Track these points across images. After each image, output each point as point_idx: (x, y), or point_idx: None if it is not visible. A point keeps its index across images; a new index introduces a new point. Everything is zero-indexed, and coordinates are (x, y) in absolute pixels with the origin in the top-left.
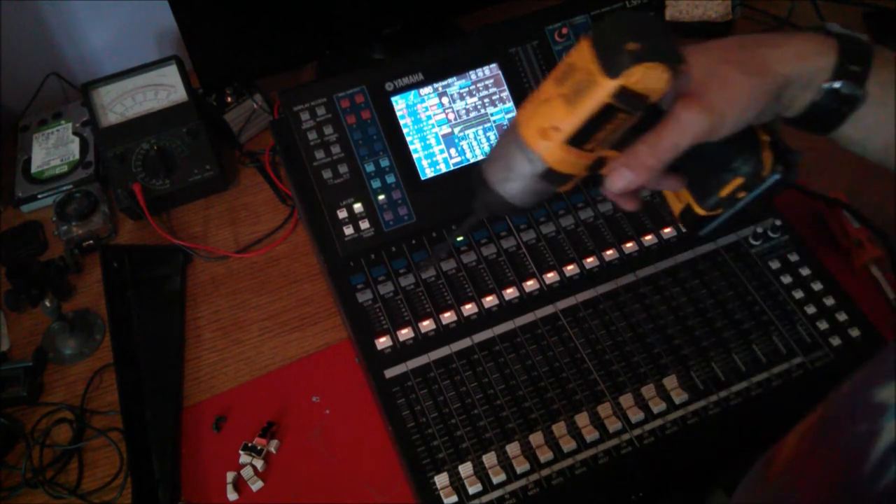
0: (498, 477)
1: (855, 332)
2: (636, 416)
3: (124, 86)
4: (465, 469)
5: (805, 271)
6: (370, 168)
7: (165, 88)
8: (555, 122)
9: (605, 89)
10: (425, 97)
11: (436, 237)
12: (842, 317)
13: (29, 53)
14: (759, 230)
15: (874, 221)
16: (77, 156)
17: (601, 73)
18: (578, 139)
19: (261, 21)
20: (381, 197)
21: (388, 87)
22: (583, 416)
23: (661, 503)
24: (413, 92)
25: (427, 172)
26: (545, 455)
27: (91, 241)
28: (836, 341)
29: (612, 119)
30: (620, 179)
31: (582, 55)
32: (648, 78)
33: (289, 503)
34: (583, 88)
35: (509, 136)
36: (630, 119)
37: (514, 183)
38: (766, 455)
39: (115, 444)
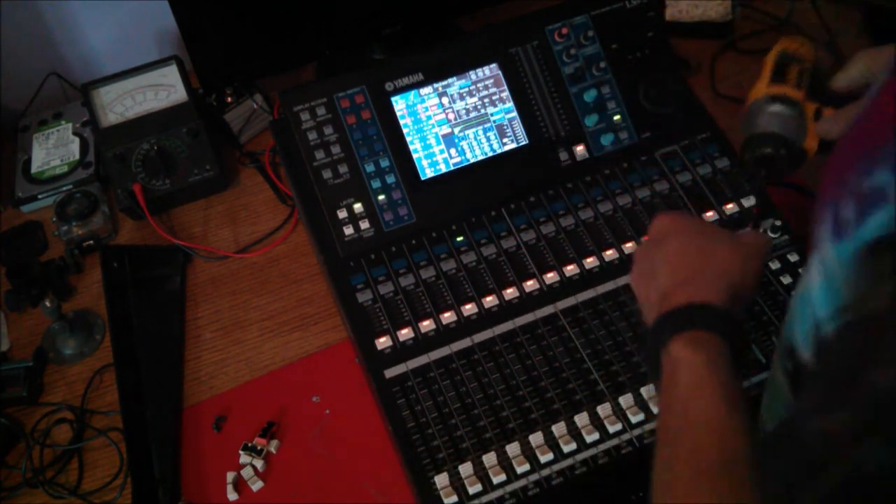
0: (498, 477)
1: None
2: (636, 416)
3: (124, 86)
4: (465, 469)
5: None
6: (370, 168)
7: (165, 88)
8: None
9: (775, 48)
10: (425, 97)
11: (436, 237)
12: None
13: (29, 53)
14: (759, 231)
15: None
16: (77, 156)
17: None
18: (775, 77)
19: (261, 21)
20: (381, 197)
21: (388, 87)
22: (583, 416)
23: None
24: (413, 92)
25: (427, 172)
26: (545, 455)
27: (91, 241)
28: None
29: (789, 67)
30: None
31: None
32: (793, 48)
33: (289, 503)
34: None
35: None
36: (801, 70)
37: (763, 116)
38: None
39: (115, 444)
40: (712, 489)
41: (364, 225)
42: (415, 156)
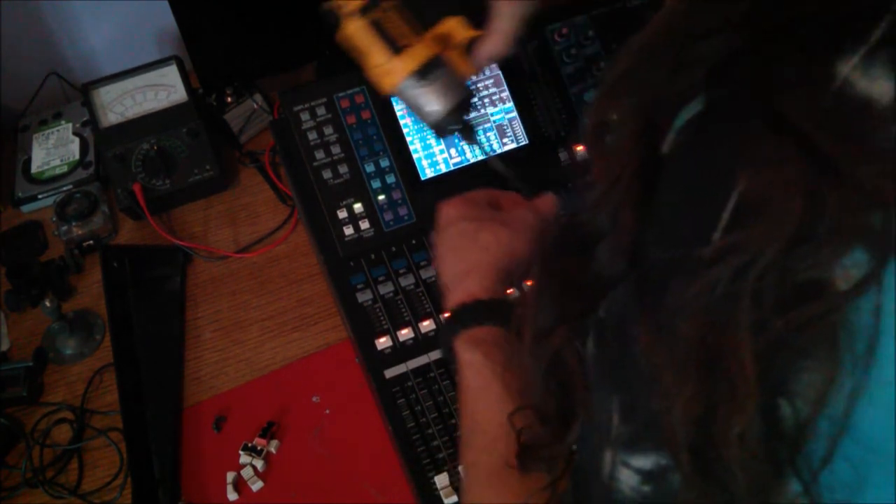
0: None
1: None
2: None
3: (124, 86)
4: None
5: None
6: (370, 168)
7: (165, 88)
8: (371, 58)
9: (351, 15)
10: None
11: None
12: None
13: (29, 53)
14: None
15: None
16: (77, 156)
17: None
18: (392, 46)
19: (261, 21)
20: (381, 197)
21: None
22: None
23: None
24: None
25: (427, 172)
26: None
27: (91, 241)
28: None
29: (386, 20)
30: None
31: None
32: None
33: (289, 503)
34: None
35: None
36: (398, 13)
37: (424, 100)
38: None
39: (115, 444)
40: (500, 490)
41: (364, 225)
42: (415, 156)
